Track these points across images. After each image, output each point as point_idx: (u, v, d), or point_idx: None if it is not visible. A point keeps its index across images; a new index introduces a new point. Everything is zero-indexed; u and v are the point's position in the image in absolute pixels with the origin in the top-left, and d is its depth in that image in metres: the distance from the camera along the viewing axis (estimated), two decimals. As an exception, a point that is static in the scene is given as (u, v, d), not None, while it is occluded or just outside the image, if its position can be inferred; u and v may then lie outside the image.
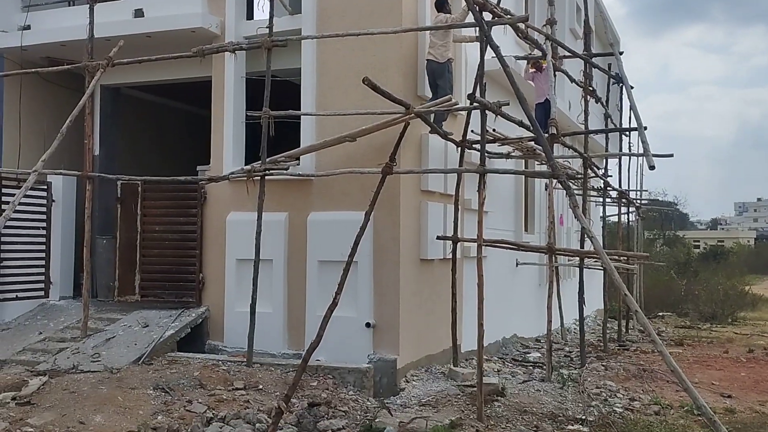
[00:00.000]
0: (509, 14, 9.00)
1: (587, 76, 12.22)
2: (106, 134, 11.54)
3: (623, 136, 17.05)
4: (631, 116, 13.43)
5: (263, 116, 8.62)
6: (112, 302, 10.58)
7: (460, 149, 9.65)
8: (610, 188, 15.34)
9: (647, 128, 9.52)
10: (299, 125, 9.49)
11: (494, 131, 10.26)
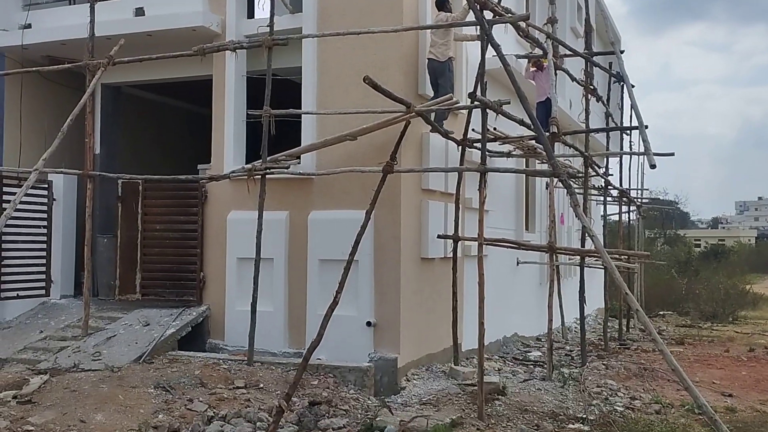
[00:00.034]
0: (510, 13, 8.98)
1: (588, 74, 12.22)
2: (106, 133, 11.54)
3: (624, 134, 17.02)
4: (632, 115, 13.39)
5: (264, 115, 8.63)
6: (113, 301, 10.58)
7: (460, 148, 9.65)
8: (610, 187, 15.32)
9: (648, 127, 9.55)
10: (300, 124, 9.49)
11: (495, 130, 10.26)
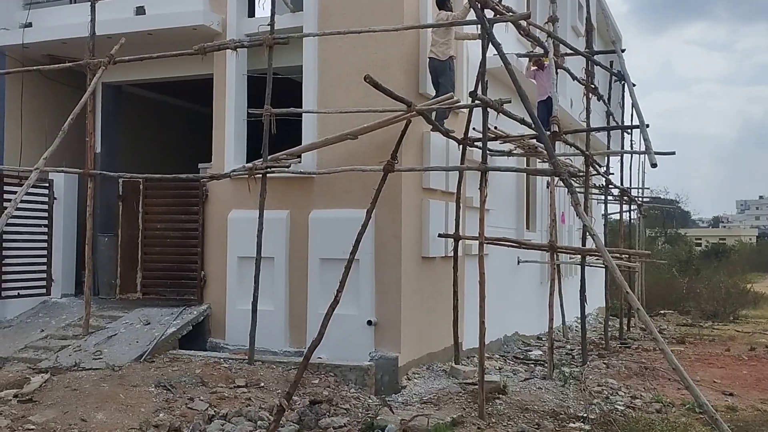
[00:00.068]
0: (511, 11, 8.96)
1: (589, 73, 12.20)
2: (107, 132, 11.54)
3: (625, 133, 17.01)
4: (632, 114, 13.49)
5: (265, 114, 8.63)
6: (113, 300, 10.59)
7: (461, 147, 9.64)
8: (611, 186, 15.30)
9: (649, 126, 9.53)
10: (301, 123, 9.49)
11: (496, 129, 10.26)
